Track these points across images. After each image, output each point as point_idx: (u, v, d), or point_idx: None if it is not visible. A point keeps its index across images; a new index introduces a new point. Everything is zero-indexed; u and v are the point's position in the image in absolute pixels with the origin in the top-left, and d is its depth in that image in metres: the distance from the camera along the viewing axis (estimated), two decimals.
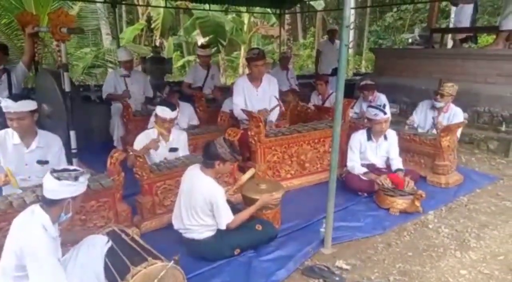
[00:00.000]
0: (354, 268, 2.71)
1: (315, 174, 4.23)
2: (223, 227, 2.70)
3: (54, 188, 1.98)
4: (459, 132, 4.35)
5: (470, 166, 4.86)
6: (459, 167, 4.48)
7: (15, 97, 2.77)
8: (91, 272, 2.14)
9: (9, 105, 2.70)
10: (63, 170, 2.04)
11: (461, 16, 7.55)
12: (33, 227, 1.93)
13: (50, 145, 2.96)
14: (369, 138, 3.96)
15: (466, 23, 7.49)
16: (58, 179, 1.97)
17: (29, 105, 2.79)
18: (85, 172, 2.12)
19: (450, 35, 8.80)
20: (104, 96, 5.27)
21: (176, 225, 2.83)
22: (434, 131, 4.49)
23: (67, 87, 3.12)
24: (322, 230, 2.94)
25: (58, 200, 1.99)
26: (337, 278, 2.54)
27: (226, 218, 2.69)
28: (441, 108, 4.51)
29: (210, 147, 2.72)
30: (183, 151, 3.69)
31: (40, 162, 2.89)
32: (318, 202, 3.29)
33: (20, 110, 2.73)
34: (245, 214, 2.84)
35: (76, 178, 2.01)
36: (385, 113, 3.80)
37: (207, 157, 2.73)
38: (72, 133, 3.20)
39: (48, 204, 2.00)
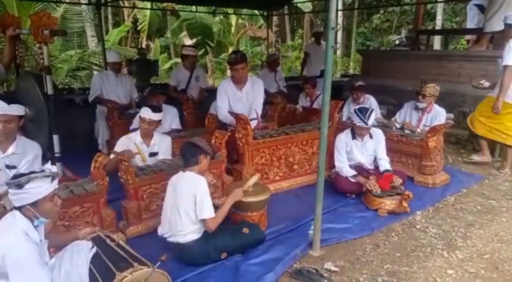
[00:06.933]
0: (342, 270, 2.70)
1: (303, 176, 4.21)
2: (203, 217, 2.59)
3: (9, 196, 1.91)
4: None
5: (457, 166, 4.91)
6: (445, 167, 4.52)
7: (6, 99, 2.71)
8: (75, 279, 2.08)
9: (1, 107, 2.64)
10: (18, 175, 1.91)
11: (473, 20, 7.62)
12: (13, 234, 1.87)
13: (26, 151, 2.87)
14: (353, 137, 3.96)
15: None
16: (9, 187, 1.90)
17: (19, 109, 2.76)
18: (35, 177, 1.89)
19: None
20: (91, 99, 5.17)
21: (160, 231, 2.78)
22: (418, 130, 4.52)
23: (49, 90, 3.06)
24: (310, 232, 2.93)
25: (20, 206, 1.92)
26: (325, 281, 2.54)
27: (207, 209, 2.59)
28: (425, 108, 4.55)
29: (189, 146, 2.75)
30: (165, 155, 3.62)
31: (8, 167, 2.80)
32: (307, 203, 3.28)
33: (10, 113, 2.69)
34: (221, 213, 2.74)
35: (19, 186, 1.86)
36: (366, 124, 3.76)
37: (189, 155, 2.72)
38: (55, 137, 3.14)
39: (18, 210, 1.94)
